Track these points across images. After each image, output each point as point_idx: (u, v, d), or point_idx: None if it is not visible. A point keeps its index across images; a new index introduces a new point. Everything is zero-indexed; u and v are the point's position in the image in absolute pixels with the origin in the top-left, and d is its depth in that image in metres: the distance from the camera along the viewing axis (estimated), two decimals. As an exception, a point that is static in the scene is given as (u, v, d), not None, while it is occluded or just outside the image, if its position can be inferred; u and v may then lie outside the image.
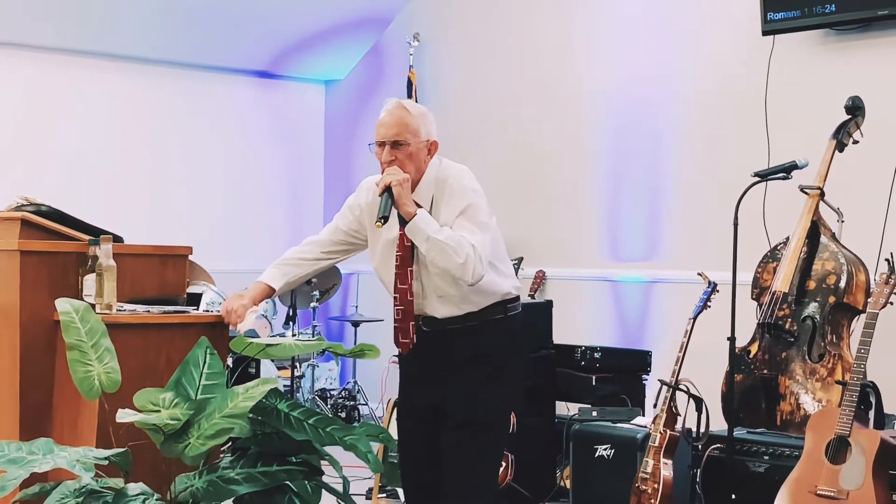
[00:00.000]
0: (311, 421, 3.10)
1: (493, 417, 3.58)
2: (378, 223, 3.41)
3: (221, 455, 3.52)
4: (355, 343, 7.52)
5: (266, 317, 7.33)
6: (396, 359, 3.78)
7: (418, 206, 3.49)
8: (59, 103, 7.55)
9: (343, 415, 7.43)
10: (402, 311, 3.55)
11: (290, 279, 3.71)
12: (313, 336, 7.31)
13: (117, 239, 3.76)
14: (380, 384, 7.68)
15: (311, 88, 8.73)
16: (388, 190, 3.43)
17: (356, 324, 7.68)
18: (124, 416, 2.99)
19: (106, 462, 3.05)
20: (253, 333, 3.65)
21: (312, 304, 7.42)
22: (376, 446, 4.78)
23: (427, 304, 3.58)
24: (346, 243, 3.74)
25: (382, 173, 3.52)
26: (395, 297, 3.56)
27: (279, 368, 7.13)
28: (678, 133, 6.47)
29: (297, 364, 7.23)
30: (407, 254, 3.53)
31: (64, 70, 7.56)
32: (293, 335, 7.10)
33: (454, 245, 3.38)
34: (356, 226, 3.71)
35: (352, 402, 7.55)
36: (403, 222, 3.47)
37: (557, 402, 5.87)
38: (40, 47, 7.43)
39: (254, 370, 6.21)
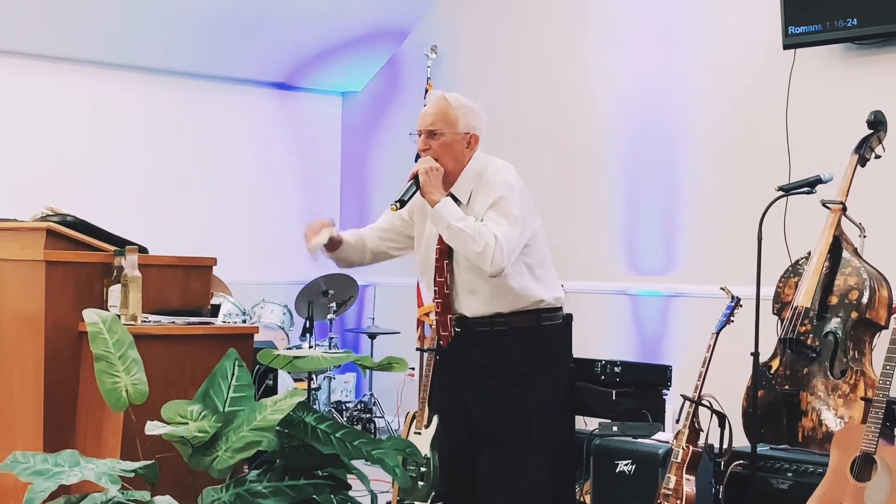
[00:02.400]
0: (338, 434, 3.09)
1: (518, 429, 3.57)
2: (393, 206, 3.53)
3: (246, 469, 3.51)
4: (372, 355, 7.51)
5: (283, 328, 7.32)
6: (413, 371, 3.81)
7: (455, 198, 3.56)
8: (77, 114, 7.56)
9: (359, 427, 7.42)
10: (441, 305, 3.62)
11: (352, 240, 3.76)
12: (330, 348, 7.30)
13: (142, 250, 3.77)
14: (396, 397, 7.67)
15: (328, 100, 8.74)
16: (416, 178, 3.53)
17: (373, 336, 7.68)
18: (153, 428, 2.98)
19: (132, 475, 3.04)
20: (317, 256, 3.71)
21: (329, 316, 7.42)
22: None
23: (458, 299, 3.62)
24: (397, 231, 3.80)
25: None
26: (434, 290, 3.63)
27: (295, 380, 7.12)
28: (698, 146, 6.46)
29: (314, 376, 7.22)
30: (445, 247, 3.61)
31: (82, 81, 7.58)
32: (310, 347, 7.09)
33: (472, 233, 3.44)
34: (406, 216, 3.79)
35: (367, 415, 7.54)
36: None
37: (577, 417, 5.84)
38: (59, 58, 7.45)
39: (271, 382, 6.20)
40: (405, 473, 3.12)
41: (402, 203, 3.54)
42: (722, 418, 4.66)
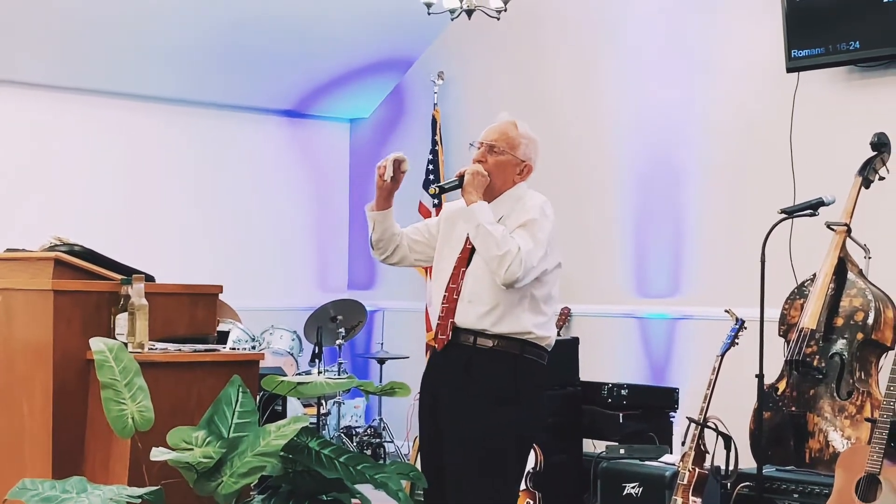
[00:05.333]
0: (342, 459, 3.11)
1: (482, 448, 3.57)
2: (433, 188, 3.73)
3: (251, 494, 3.53)
4: (381, 380, 7.53)
5: (292, 354, 7.34)
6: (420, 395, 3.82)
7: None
8: (86, 143, 7.62)
9: (369, 452, 7.43)
10: (446, 309, 3.65)
11: (394, 222, 3.84)
12: (339, 374, 7.32)
13: (149, 278, 3.80)
14: (405, 421, 7.68)
15: (336, 127, 8.80)
16: (461, 177, 3.64)
17: (382, 361, 7.70)
18: (158, 454, 3.01)
19: (139, 500, 3.06)
20: None
21: (338, 342, 7.44)
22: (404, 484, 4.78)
23: (458, 307, 3.64)
24: (424, 240, 3.86)
25: None
26: (444, 295, 3.67)
27: (305, 406, 7.14)
28: (703, 169, 6.49)
29: (324, 401, 7.24)
30: (466, 255, 3.67)
31: (91, 110, 7.64)
32: (319, 372, 7.11)
33: (499, 238, 3.50)
34: (434, 229, 3.85)
35: (377, 440, 7.54)
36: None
37: (584, 440, 5.85)
38: (70, 88, 7.52)
39: (280, 408, 6.21)
40: (408, 497, 3.14)
41: (441, 189, 3.72)
42: (727, 440, 4.67)
